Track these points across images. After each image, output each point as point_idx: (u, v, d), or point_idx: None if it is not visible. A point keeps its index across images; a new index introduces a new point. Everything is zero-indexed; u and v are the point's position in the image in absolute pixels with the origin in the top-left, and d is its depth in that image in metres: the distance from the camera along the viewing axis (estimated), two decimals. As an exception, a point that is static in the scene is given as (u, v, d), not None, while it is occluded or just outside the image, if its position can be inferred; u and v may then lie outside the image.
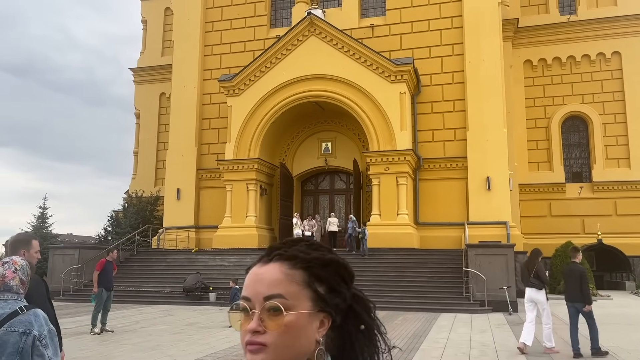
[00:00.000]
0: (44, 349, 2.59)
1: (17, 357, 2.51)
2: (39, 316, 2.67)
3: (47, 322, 2.70)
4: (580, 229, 26.82)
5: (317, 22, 23.26)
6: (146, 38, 34.80)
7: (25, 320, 2.61)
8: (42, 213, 34.75)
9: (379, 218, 21.56)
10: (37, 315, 2.67)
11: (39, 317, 2.67)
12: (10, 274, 2.73)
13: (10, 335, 2.54)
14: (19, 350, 2.53)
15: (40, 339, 2.60)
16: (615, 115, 27.78)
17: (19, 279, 2.74)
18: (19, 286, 2.73)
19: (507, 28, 26.70)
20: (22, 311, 2.64)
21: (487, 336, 11.26)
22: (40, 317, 2.68)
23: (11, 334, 2.54)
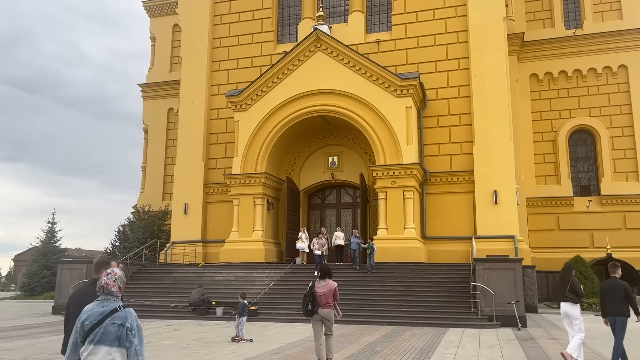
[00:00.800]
0: (133, 338, 3.67)
1: (116, 342, 3.60)
2: (131, 313, 3.75)
3: (136, 318, 3.76)
4: (589, 243, 26.61)
5: (324, 37, 23.48)
6: (155, 54, 35.26)
7: (122, 316, 3.70)
8: (50, 227, 35.04)
9: (386, 232, 21.52)
10: (130, 313, 3.75)
11: (131, 314, 3.75)
12: (112, 283, 3.80)
13: (112, 325, 3.63)
14: (117, 337, 3.62)
15: (131, 330, 3.68)
16: (622, 128, 27.70)
17: (118, 286, 3.80)
18: (117, 291, 3.78)
19: (513, 42, 26.82)
20: (120, 309, 3.71)
21: (496, 352, 11.16)
22: (132, 314, 3.77)
23: (112, 325, 3.63)
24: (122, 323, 3.68)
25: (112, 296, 3.78)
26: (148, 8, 35.69)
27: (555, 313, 20.18)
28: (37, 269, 32.94)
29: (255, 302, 18.25)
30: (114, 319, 3.67)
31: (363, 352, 11.00)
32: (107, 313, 3.68)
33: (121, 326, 3.68)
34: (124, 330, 3.67)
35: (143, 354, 3.73)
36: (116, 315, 3.68)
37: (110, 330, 3.64)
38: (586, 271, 22.18)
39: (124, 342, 3.66)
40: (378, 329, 15.13)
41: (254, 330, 14.96)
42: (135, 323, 3.75)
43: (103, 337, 3.62)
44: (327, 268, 9.65)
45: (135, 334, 3.72)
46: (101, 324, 3.66)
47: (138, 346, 3.70)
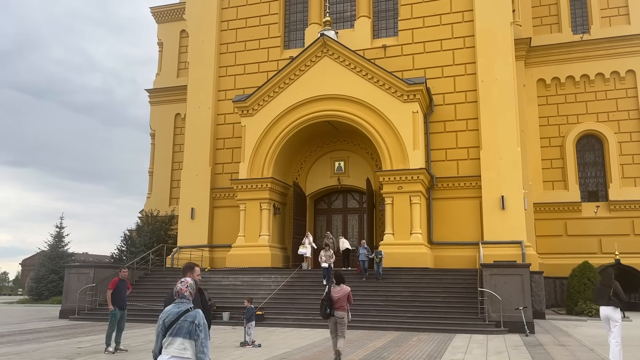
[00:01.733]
0: (200, 332, 4.67)
1: (188, 335, 4.63)
2: (199, 313, 4.77)
3: (202, 317, 4.76)
4: (597, 249, 26.44)
5: (330, 43, 23.55)
6: (162, 60, 35.49)
7: (192, 315, 4.71)
8: (58, 232, 35.17)
9: (393, 237, 21.47)
10: (198, 312, 4.77)
11: (199, 314, 4.77)
12: (184, 289, 4.88)
13: (185, 322, 4.66)
14: (189, 331, 4.65)
15: (198, 326, 4.67)
16: (631, 133, 27.56)
17: (189, 292, 4.87)
18: (188, 295, 4.85)
19: (520, 47, 26.78)
20: (191, 310, 4.73)
21: (504, 358, 11.09)
22: (200, 314, 4.77)
23: (185, 322, 4.66)
24: (192, 320, 4.71)
25: (185, 299, 4.85)
26: (155, 14, 35.96)
27: (563, 319, 20.04)
28: (45, 274, 33.07)
29: (262, 307, 18.24)
30: (186, 317, 4.71)
31: (370, 357, 10.97)
32: (181, 312, 4.73)
33: (192, 323, 4.70)
34: (193, 326, 4.69)
35: (207, 345, 4.75)
36: (188, 314, 4.73)
37: (184, 326, 4.68)
38: (594, 277, 22.00)
39: (194, 335, 4.67)
40: (385, 334, 15.07)
41: (260, 335, 14.94)
42: (202, 321, 4.76)
43: (178, 331, 4.66)
44: (341, 275, 10.73)
45: (202, 330, 4.72)
46: (177, 321, 4.69)
47: (204, 339, 4.71)
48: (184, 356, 4.67)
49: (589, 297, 21.47)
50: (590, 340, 13.83)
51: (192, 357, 4.69)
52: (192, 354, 4.68)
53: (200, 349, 4.70)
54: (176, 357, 4.66)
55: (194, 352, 4.68)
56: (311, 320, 17.33)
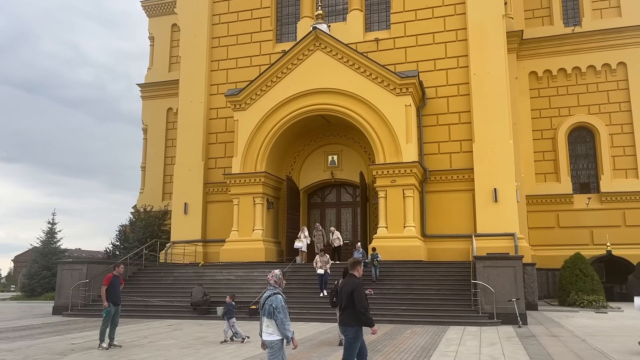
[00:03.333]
0: (278, 314, 6.10)
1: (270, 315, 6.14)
2: (277, 298, 6.18)
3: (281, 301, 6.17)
4: (589, 240, 26.65)
5: (323, 36, 23.47)
6: (153, 54, 35.23)
7: (272, 299, 6.20)
8: (50, 228, 34.99)
9: (386, 231, 21.52)
10: (277, 297, 6.19)
11: (277, 298, 6.18)
12: (271, 278, 6.41)
13: (268, 305, 6.18)
14: (270, 312, 6.15)
15: (276, 309, 6.12)
16: (622, 125, 27.71)
17: (274, 280, 6.38)
18: (274, 283, 6.36)
19: (512, 40, 26.82)
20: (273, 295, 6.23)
21: (497, 349, 11.17)
22: (278, 298, 6.19)
23: (268, 305, 6.18)
24: (271, 304, 6.15)
25: (272, 287, 6.33)
26: (146, 8, 35.66)
27: (556, 310, 20.21)
28: (37, 270, 32.90)
29: (256, 302, 18.25)
30: (269, 301, 6.18)
31: (364, 350, 10.99)
32: (267, 297, 6.25)
33: (270, 306, 6.15)
34: (271, 308, 6.13)
35: (285, 323, 6.09)
36: (269, 298, 6.20)
37: (267, 308, 6.18)
38: (586, 268, 22.19)
39: (273, 316, 6.13)
40: (379, 327, 15.04)
41: (255, 329, 14.94)
42: (280, 305, 6.12)
43: (265, 312, 6.20)
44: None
45: (280, 311, 6.11)
46: (265, 303, 6.23)
47: (283, 318, 6.11)
48: (268, 332, 6.20)
49: (581, 288, 21.66)
50: (582, 331, 13.96)
51: (274, 333, 6.16)
52: (274, 330, 6.15)
53: (281, 327, 6.11)
54: (265, 332, 6.24)
55: (276, 329, 6.13)
56: (305, 314, 17.38)
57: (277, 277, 6.36)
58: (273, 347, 6.18)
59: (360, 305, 6.94)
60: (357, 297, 6.97)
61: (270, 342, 6.19)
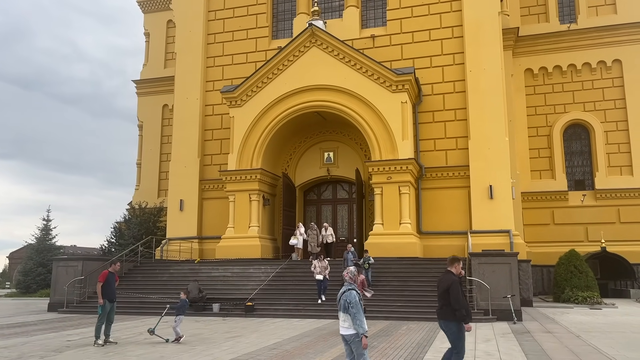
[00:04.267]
0: (351, 308, 6.31)
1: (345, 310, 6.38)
2: (351, 293, 6.40)
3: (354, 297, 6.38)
4: (583, 237, 26.78)
5: (319, 33, 23.43)
6: (149, 50, 35.10)
7: (347, 294, 6.42)
8: (45, 225, 34.89)
9: (382, 227, 21.55)
10: (350, 293, 6.41)
11: (351, 294, 6.40)
12: (345, 275, 6.74)
13: (343, 300, 6.41)
14: (344, 307, 6.38)
15: (350, 304, 6.34)
16: (617, 122, 27.83)
17: (349, 277, 6.69)
18: (349, 280, 6.67)
19: (508, 37, 26.86)
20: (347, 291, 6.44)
21: (492, 345, 11.22)
22: (352, 294, 6.41)
23: (343, 300, 6.41)
24: (346, 299, 6.40)
25: (347, 283, 6.61)
26: (142, 3, 35.49)
27: (550, 307, 20.30)
28: (33, 267, 32.81)
29: (252, 298, 18.27)
30: (344, 296, 6.43)
31: (360, 347, 11.02)
32: (342, 293, 6.48)
33: (345, 301, 6.38)
34: (346, 303, 6.36)
35: (360, 318, 6.29)
36: (344, 294, 6.43)
37: (342, 303, 6.42)
38: (581, 265, 22.30)
39: (348, 311, 6.34)
40: (374, 324, 15.17)
41: (251, 326, 14.98)
42: (354, 300, 6.33)
43: (341, 306, 6.44)
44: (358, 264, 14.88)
45: (354, 306, 6.30)
46: (340, 299, 6.48)
47: (356, 313, 6.29)
48: (344, 326, 6.44)
49: (576, 285, 21.78)
50: (577, 327, 14.04)
51: (350, 328, 6.36)
52: (350, 325, 6.36)
53: (354, 321, 6.30)
54: (342, 327, 6.50)
55: (351, 324, 6.35)
56: (301, 310, 17.40)
57: (352, 274, 6.69)
58: (354, 342, 6.37)
59: (456, 302, 7.12)
60: (453, 294, 7.15)
61: (348, 336, 6.40)
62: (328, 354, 10.17)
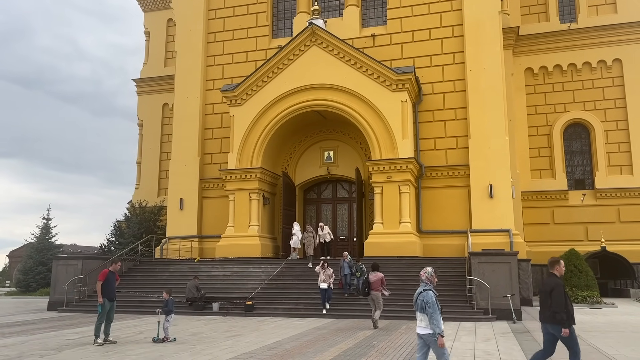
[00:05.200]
0: (429, 308, 6.35)
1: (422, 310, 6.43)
2: (428, 294, 6.46)
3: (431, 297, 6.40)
4: (583, 236, 26.78)
5: (319, 32, 23.41)
6: (149, 49, 35.07)
7: (424, 294, 6.47)
8: (45, 224, 34.87)
9: (382, 226, 21.54)
10: (427, 293, 6.46)
11: (428, 294, 6.46)
12: (422, 275, 6.74)
13: (420, 300, 6.46)
14: (422, 307, 6.43)
15: (427, 304, 6.38)
16: (617, 122, 27.82)
17: (426, 277, 6.69)
18: (426, 280, 6.67)
19: (508, 36, 26.84)
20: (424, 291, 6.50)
21: (492, 345, 11.22)
22: (429, 294, 6.46)
23: (420, 300, 6.46)
24: (423, 299, 6.45)
25: (424, 283, 6.65)
26: (142, 2, 35.46)
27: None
28: (32, 265, 32.81)
29: (252, 297, 18.27)
30: (421, 296, 6.48)
31: (359, 346, 11.04)
32: (419, 293, 6.55)
33: (422, 301, 6.43)
34: (423, 303, 6.41)
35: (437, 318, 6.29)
36: (421, 294, 6.50)
37: (419, 303, 6.48)
38: (580, 264, 22.30)
39: (425, 311, 6.40)
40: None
41: (250, 325, 14.99)
42: (431, 300, 6.37)
43: (418, 306, 6.51)
44: (377, 263, 14.79)
45: (431, 306, 6.33)
46: (417, 299, 6.56)
47: (433, 313, 6.31)
48: (422, 326, 6.50)
49: (575, 284, 21.78)
50: (577, 327, 13.91)
51: (427, 327, 6.40)
52: (426, 324, 6.42)
53: (431, 321, 6.32)
54: (419, 327, 6.56)
55: (427, 323, 6.40)
56: (301, 309, 17.41)
57: (429, 274, 6.69)
58: (432, 342, 6.38)
59: (557, 304, 7.09)
60: (555, 297, 7.13)
61: (425, 335, 6.45)
62: (327, 353, 10.17)
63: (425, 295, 6.41)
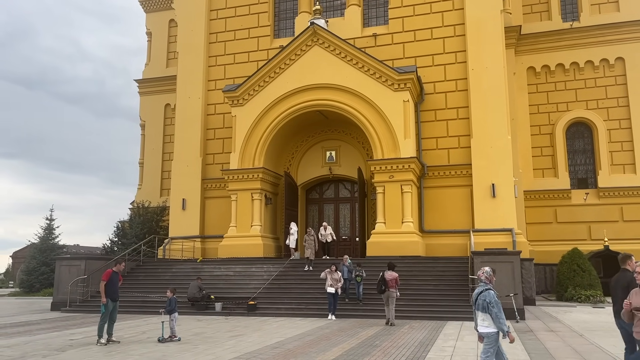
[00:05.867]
0: (492, 308, 6.44)
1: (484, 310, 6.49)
2: (490, 293, 6.53)
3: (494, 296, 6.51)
4: (586, 236, 26.71)
5: (320, 31, 23.41)
6: (151, 50, 35.12)
7: (485, 294, 6.56)
8: (48, 224, 34.95)
9: (384, 226, 21.53)
10: (489, 293, 6.54)
11: (490, 294, 6.53)
12: (481, 275, 6.84)
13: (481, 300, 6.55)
14: (484, 307, 6.51)
15: (490, 303, 6.47)
16: (620, 121, 27.74)
17: (485, 277, 6.79)
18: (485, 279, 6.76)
19: (510, 35, 26.78)
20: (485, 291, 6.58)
21: (494, 344, 11.19)
22: (491, 294, 6.54)
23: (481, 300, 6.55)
24: (484, 299, 6.52)
25: (483, 283, 6.72)
26: (144, 3, 35.51)
27: (553, 305, 20.25)
28: (36, 266, 32.88)
29: (254, 297, 18.29)
30: (482, 296, 6.57)
31: (362, 345, 11.04)
32: (479, 293, 6.64)
33: (484, 301, 6.50)
34: (485, 303, 6.49)
35: (500, 317, 6.40)
36: (482, 294, 6.60)
37: (480, 303, 6.56)
38: (584, 264, 22.25)
39: (488, 310, 6.48)
40: (377, 322, 15.18)
41: (253, 325, 15.00)
42: (493, 300, 6.47)
43: (478, 307, 6.58)
44: (392, 263, 15.46)
45: (494, 306, 6.42)
46: (477, 299, 6.62)
47: (497, 312, 6.41)
48: (484, 325, 6.58)
49: (578, 284, 21.74)
50: (580, 326, 14.01)
51: (490, 326, 6.50)
52: (490, 324, 6.50)
53: (496, 320, 6.45)
54: (481, 326, 6.62)
55: (492, 322, 6.48)
56: (304, 309, 17.41)
57: (488, 274, 6.82)
58: (489, 338, 6.60)
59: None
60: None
61: (487, 333, 6.61)
62: (330, 352, 10.17)
63: (487, 295, 6.55)
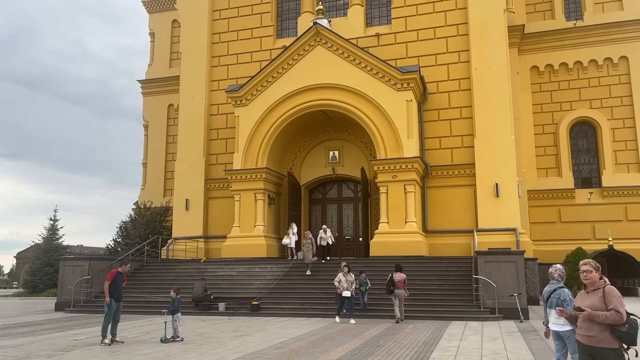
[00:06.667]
0: (567, 306, 6.15)
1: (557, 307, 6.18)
2: (564, 291, 6.51)
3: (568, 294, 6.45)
4: (590, 235, 26.61)
5: (323, 31, 23.40)
6: (154, 50, 35.18)
7: (558, 292, 6.53)
8: (52, 225, 35.08)
9: (387, 226, 21.51)
10: (563, 291, 6.52)
11: (564, 291, 6.51)
12: (553, 272, 6.78)
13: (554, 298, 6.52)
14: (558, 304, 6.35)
15: (564, 301, 6.38)
16: (623, 120, 27.64)
17: (558, 274, 6.72)
18: (557, 277, 6.69)
19: (513, 34, 26.72)
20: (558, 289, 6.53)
21: (499, 344, 11.18)
22: (564, 291, 6.50)
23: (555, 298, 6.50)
24: (559, 297, 6.51)
25: (555, 280, 6.70)
26: (146, 4, 35.58)
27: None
28: (40, 266, 33.00)
29: (258, 298, 18.29)
30: (556, 294, 6.55)
31: (366, 345, 11.02)
32: (552, 291, 6.61)
33: (559, 298, 6.48)
34: (560, 301, 6.44)
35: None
36: (556, 292, 6.55)
37: (553, 301, 6.52)
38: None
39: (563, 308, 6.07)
40: (381, 322, 15.17)
41: (257, 325, 15.00)
42: (568, 298, 6.40)
43: (551, 304, 6.54)
44: (400, 265, 15.90)
45: (569, 303, 6.28)
46: (551, 296, 6.58)
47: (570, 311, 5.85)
48: (559, 323, 6.41)
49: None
50: (584, 326, 13.93)
51: (566, 324, 6.20)
52: (564, 322, 6.15)
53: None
54: (556, 324, 6.49)
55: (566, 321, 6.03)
56: (307, 309, 17.41)
57: (561, 272, 6.79)
58: (568, 337, 6.44)
59: None
60: None
61: (564, 332, 6.49)
62: (334, 352, 10.15)
63: (562, 293, 6.51)
